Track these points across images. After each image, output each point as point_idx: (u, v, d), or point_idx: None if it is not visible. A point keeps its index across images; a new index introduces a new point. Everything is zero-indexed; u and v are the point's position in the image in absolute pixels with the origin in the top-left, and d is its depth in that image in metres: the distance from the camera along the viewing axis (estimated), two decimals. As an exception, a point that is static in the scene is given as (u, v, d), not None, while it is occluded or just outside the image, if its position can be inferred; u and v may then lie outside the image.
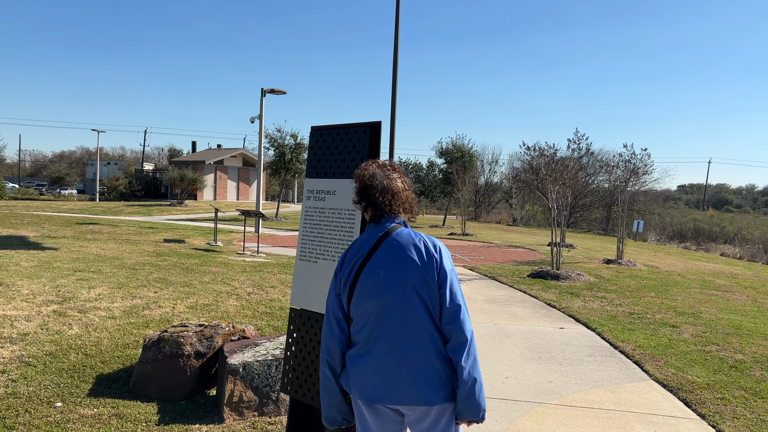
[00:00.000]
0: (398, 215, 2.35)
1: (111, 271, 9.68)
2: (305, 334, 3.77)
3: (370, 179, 2.34)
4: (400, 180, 2.38)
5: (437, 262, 2.22)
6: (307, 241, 3.86)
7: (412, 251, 2.23)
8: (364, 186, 2.34)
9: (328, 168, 3.80)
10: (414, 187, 2.49)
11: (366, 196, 2.34)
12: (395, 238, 2.27)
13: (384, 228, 2.31)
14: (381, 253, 2.25)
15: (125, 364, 5.16)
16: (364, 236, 2.34)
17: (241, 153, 43.17)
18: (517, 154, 53.45)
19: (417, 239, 2.27)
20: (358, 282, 2.25)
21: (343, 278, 2.31)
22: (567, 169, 12.18)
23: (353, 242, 2.38)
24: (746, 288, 12.33)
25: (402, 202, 2.35)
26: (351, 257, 2.32)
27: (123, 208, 29.84)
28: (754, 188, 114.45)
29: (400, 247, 2.24)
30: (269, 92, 19.63)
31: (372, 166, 2.40)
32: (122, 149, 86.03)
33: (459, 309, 2.19)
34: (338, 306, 2.33)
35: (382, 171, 2.38)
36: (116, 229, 17.94)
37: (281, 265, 11.68)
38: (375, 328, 2.22)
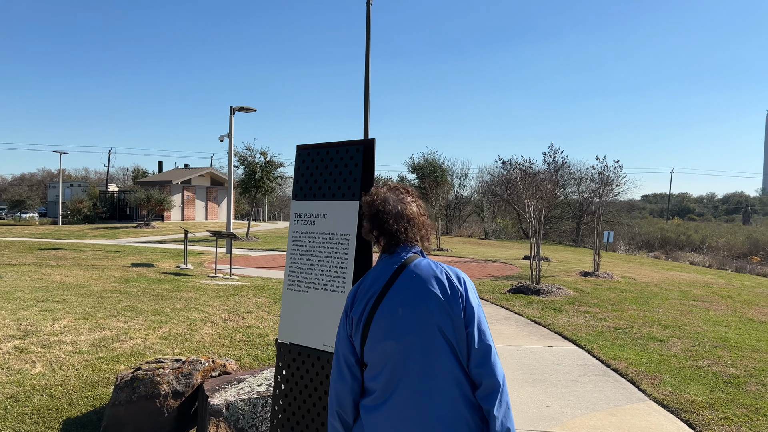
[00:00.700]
0: (414, 244, 2.08)
1: (76, 300, 9.17)
2: (296, 371, 3.47)
3: (382, 204, 2.07)
4: (414, 204, 2.12)
5: (463, 297, 1.95)
6: (295, 268, 3.57)
7: (433, 285, 1.95)
8: (376, 212, 2.07)
9: (317, 189, 3.52)
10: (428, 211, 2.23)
11: (378, 223, 2.06)
12: (414, 270, 1.99)
13: (400, 259, 2.04)
14: (398, 288, 1.97)
15: (95, 406, 4.75)
16: (378, 269, 2.06)
17: (209, 172, 42.46)
18: (487, 167, 53.78)
19: (438, 271, 2.00)
20: (373, 322, 1.96)
21: (356, 318, 2.01)
22: (544, 183, 12.10)
23: (365, 276, 2.10)
24: (723, 297, 12.36)
25: (419, 228, 2.09)
26: (364, 293, 2.03)
27: (87, 232, 28.92)
28: (714, 196, 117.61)
29: (420, 280, 1.97)
30: (238, 110, 19.26)
31: (383, 189, 2.14)
32: (85, 170, 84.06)
33: (489, 350, 1.93)
34: (350, 349, 2.03)
35: (395, 195, 2.11)
36: (81, 254, 17.26)
37: (256, 288, 11.29)
38: (394, 374, 1.93)
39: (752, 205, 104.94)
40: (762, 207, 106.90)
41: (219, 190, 42.51)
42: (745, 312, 10.51)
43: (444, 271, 2.00)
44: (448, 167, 31.31)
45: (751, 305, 11.36)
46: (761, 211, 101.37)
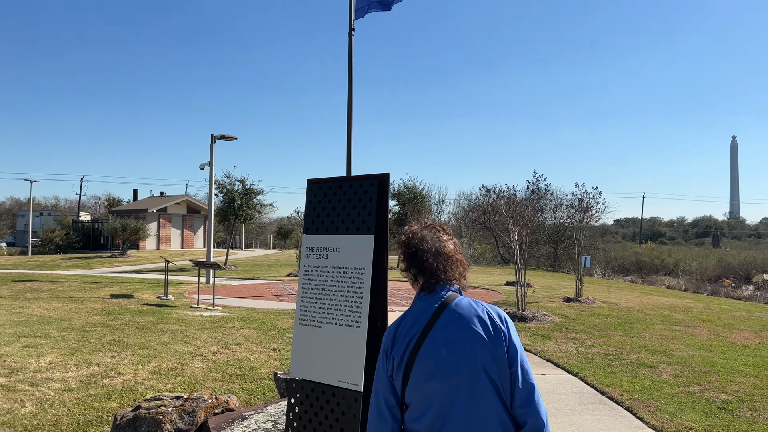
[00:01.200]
0: (453, 282, 2.09)
1: (59, 334, 8.94)
2: (309, 408, 3.41)
3: (420, 243, 2.07)
4: (450, 242, 2.13)
5: (506, 336, 1.96)
6: (307, 303, 3.54)
7: (476, 324, 1.96)
8: (415, 251, 2.07)
9: (330, 223, 3.52)
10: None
11: (417, 262, 2.07)
12: (455, 310, 1.99)
13: (440, 297, 2.03)
14: (441, 328, 1.97)
15: (91, 446, 4.61)
16: (418, 308, 2.05)
17: (185, 200, 42.04)
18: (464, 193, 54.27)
19: (480, 309, 2.00)
20: (416, 362, 1.95)
21: (397, 358, 1.99)
22: (528, 210, 12.25)
23: (404, 315, 2.09)
24: (704, 321, 12.55)
25: (456, 266, 2.10)
26: (405, 333, 2.01)
27: (60, 262, 28.29)
28: (684, 220, 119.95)
29: (462, 319, 1.97)
30: (219, 138, 19.19)
31: (418, 228, 2.15)
32: (56, 199, 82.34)
33: (533, 389, 1.93)
34: (390, 390, 2.00)
35: (432, 233, 2.12)
36: (57, 286, 16.86)
37: (242, 319, 11.13)
38: (439, 414, 1.91)
39: (721, 228, 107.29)
40: (730, 230, 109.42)
41: (195, 218, 42.07)
42: (728, 336, 10.68)
43: (486, 309, 2.00)
44: (428, 193, 31.49)
45: (731, 329, 11.55)
46: (729, 234, 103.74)
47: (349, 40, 16.46)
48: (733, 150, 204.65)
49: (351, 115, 15.92)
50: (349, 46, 16.41)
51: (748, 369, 7.94)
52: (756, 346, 9.69)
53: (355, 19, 16.19)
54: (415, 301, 2.09)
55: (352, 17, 16.04)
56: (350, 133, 15.77)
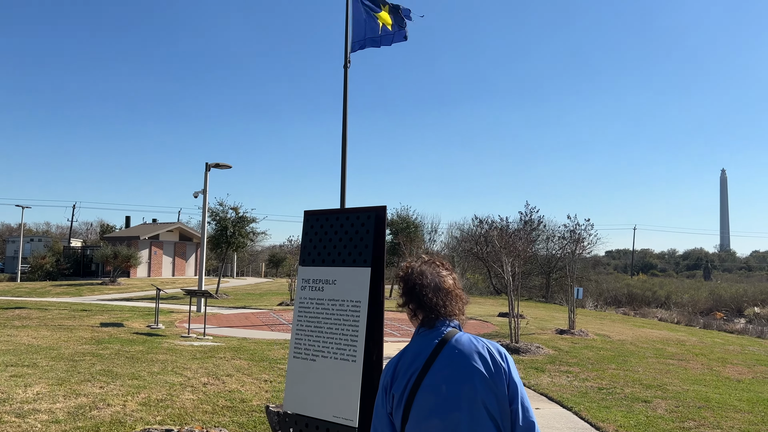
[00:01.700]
0: (453, 317, 2.09)
1: (48, 363, 8.80)
2: (303, 443, 3.37)
3: (420, 277, 2.08)
4: (450, 277, 2.14)
5: (506, 373, 1.96)
6: (302, 335, 3.51)
7: (477, 361, 1.95)
8: (413, 286, 2.07)
9: (326, 255, 3.52)
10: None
11: (416, 297, 2.07)
12: (456, 346, 1.99)
13: (440, 333, 2.03)
14: (441, 364, 1.96)
15: (77, 480, 4.51)
16: (417, 344, 2.05)
17: (177, 227, 41.90)
18: (456, 223, 54.38)
19: (480, 346, 2.00)
20: (416, 399, 1.93)
21: (397, 394, 1.97)
22: (521, 241, 12.28)
23: (403, 350, 2.08)
24: (697, 355, 12.52)
25: (456, 301, 2.10)
26: (404, 369, 2.00)
27: (50, 289, 28.00)
28: (675, 252, 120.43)
29: (463, 356, 1.96)
30: (214, 167, 19.24)
31: (417, 263, 2.16)
32: (47, 225, 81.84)
33: (533, 427, 1.93)
34: (389, 427, 1.99)
35: (431, 268, 2.13)
36: (46, 313, 16.65)
37: (233, 349, 11.01)
38: None
39: (711, 261, 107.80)
40: (721, 263, 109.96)
41: (187, 245, 41.88)
42: (721, 370, 10.65)
43: (486, 346, 2.00)
44: (421, 222, 31.57)
45: (725, 363, 11.52)
46: (720, 267, 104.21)
47: (344, 72, 16.67)
48: (722, 183, 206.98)
49: (345, 146, 16.03)
50: (345, 78, 16.62)
51: (743, 404, 7.90)
52: (750, 381, 9.66)
53: (351, 52, 16.40)
54: (415, 337, 2.08)
55: (347, 50, 16.27)
56: (344, 164, 15.87)
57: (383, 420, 2.01)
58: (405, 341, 13.23)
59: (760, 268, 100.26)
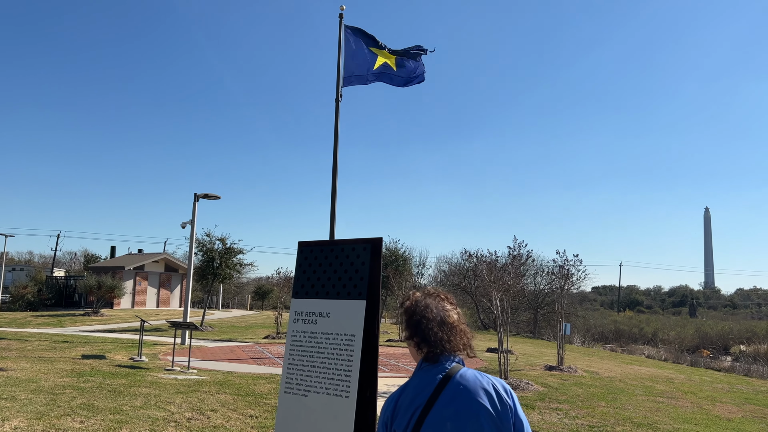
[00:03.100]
0: (457, 353, 2.05)
1: (26, 397, 8.55)
2: (293, 482, 3.26)
3: (424, 311, 2.05)
4: (454, 312, 2.11)
5: (512, 410, 1.91)
6: (294, 370, 3.43)
7: (482, 397, 1.90)
8: (420, 319, 2.04)
9: (320, 287, 3.46)
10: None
11: (420, 330, 2.03)
12: (460, 382, 1.94)
13: (443, 369, 1.99)
14: (445, 401, 1.91)
15: None
16: (420, 379, 2.00)
17: (163, 258, 41.48)
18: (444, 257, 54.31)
19: (485, 382, 1.96)
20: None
21: (399, 431, 1.93)
22: (510, 276, 12.26)
23: (405, 385, 2.03)
24: (686, 393, 12.46)
25: (460, 336, 2.06)
26: (406, 405, 1.95)
27: (31, 319, 27.45)
28: (660, 289, 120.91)
29: (468, 392, 1.92)
30: (203, 197, 19.16)
31: (421, 295, 2.13)
32: (30, 254, 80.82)
33: None
34: None
35: (436, 301, 2.10)
36: (26, 344, 16.28)
37: (218, 383, 10.79)
38: None
39: (697, 298, 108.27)
40: (706, 300, 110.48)
41: (173, 276, 41.41)
42: (711, 409, 10.59)
43: (491, 382, 1.96)
44: (409, 255, 31.52)
45: (714, 402, 11.47)
46: (706, 304, 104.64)
47: (336, 106, 16.80)
48: (706, 221, 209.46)
49: (336, 178, 16.05)
50: (336, 112, 16.74)
51: (734, 444, 7.83)
52: (740, 420, 9.60)
53: (342, 87, 16.57)
54: (417, 372, 2.04)
55: (339, 84, 16.44)
56: (334, 196, 15.87)
57: None
58: (393, 376, 13.05)
59: (744, 305, 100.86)
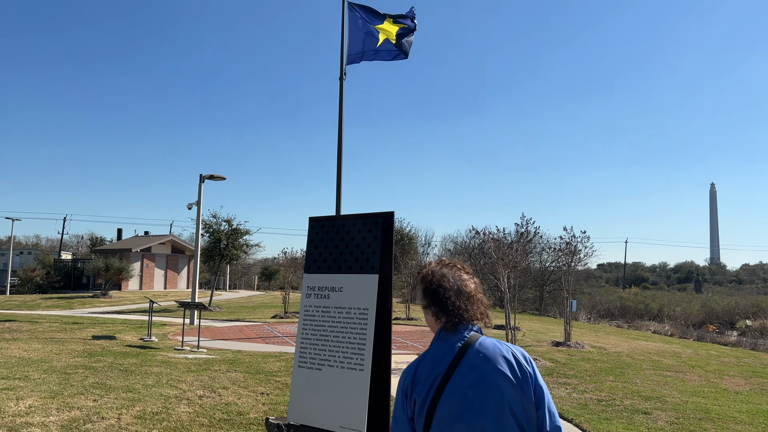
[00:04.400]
0: (475, 321, 2.04)
1: (40, 376, 8.64)
2: (308, 454, 3.29)
3: (441, 280, 2.03)
4: (471, 281, 2.09)
5: (532, 378, 1.91)
6: (307, 344, 3.44)
7: (502, 365, 1.90)
8: (436, 288, 2.02)
9: (332, 262, 3.46)
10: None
11: (437, 300, 2.02)
12: (479, 350, 1.93)
13: (462, 337, 1.98)
14: (465, 369, 1.90)
15: (73, 495, 4.39)
16: (439, 348, 1.99)
17: (170, 240, 41.63)
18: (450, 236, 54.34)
19: (505, 350, 1.95)
20: (439, 404, 1.87)
21: (419, 399, 1.91)
22: (517, 253, 12.25)
23: (423, 355, 2.02)
24: (694, 367, 12.49)
25: (478, 305, 2.05)
26: (426, 374, 1.94)
27: (40, 302, 27.68)
28: (666, 266, 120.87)
29: (488, 360, 1.91)
30: (208, 178, 19.14)
31: (438, 266, 2.11)
32: (37, 238, 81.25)
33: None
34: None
35: (452, 271, 2.08)
36: (37, 326, 16.43)
37: (228, 362, 10.87)
38: None
39: (702, 274, 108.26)
40: (712, 276, 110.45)
41: (180, 258, 41.59)
42: (719, 382, 10.62)
43: (510, 350, 1.95)
44: (415, 235, 31.54)
45: (722, 375, 11.50)
46: (711, 280, 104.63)
47: (340, 84, 16.68)
48: (711, 197, 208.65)
49: (341, 158, 15.98)
50: (340, 90, 16.63)
51: (743, 416, 7.86)
52: (748, 393, 9.63)
53: (346, 65, 16.42)
54: (435, 341, 2.03)
55: (343, 63, 16.29)
56: (340, 175, 15.83)
57: (404, 425, 1.94)
58: (400, 353, 13.12)
59: (750, 281, 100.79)
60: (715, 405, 8.48)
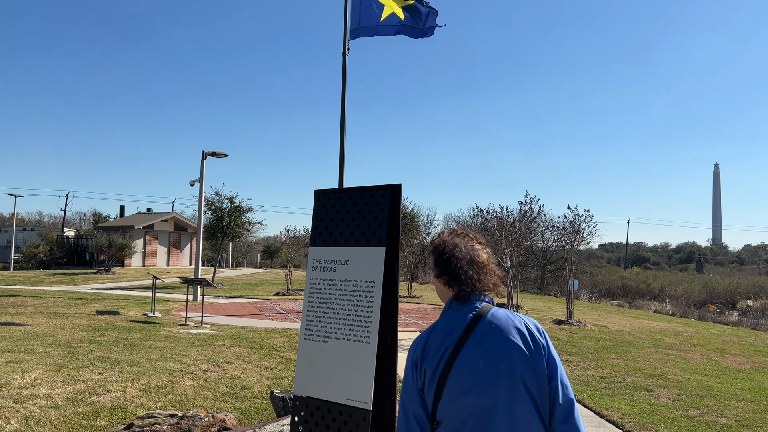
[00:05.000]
0: (487, 292, 2.01)
1: (45, 350, 8.70)
2: (314, 427, 3.29)
3: (453, 250, 2.00)
4: (483, 251, 2.06)
5: (545, 349, 1.88)
6: (313, 317, 3.42)
7: (515, 336, 1.86)
8: (448, 258, 1.99)
9: (338, 235, 3.42)
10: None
11: (449, 269, 1.98)
12: (492, 321, 1.90)
13: (474, 308, 1.94)
14: (477, 339, 1.87)
15: (79, 465, 4.43)
16: (450, 318, 1.96)
17: (172, 217, 41.68)
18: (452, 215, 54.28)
19: (517, 321, 1.92)
20: (450, 375, 1.84)
21: (429, 370, 1.88)
22: (520, 232, 12.22)
23: (433, 326, 1.99)
24: (695, 346, 12.53)
25: (490, 275, 2.02)
26: (437, 344, 1.91)
27: (44, 277, 27.81)
28: (668, 246, 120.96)
29: (500, 331, 1.87)
30: (210, 155, 19.07)
31: (451, 235, 2.08)
32: (39, 214, 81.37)
33: (573, 405, 1.85)
34: (420, 405, 1.90)
35: (464, 241, 2.05)
36: (41, 301, 16.52)
37: (231, 337, 10.93)
38: (476, 430, 1.81)
39: (704, 254, 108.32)
40: (713, 256, 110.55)
41: (182, 235, 41.67)
42: (720, 360, 10.65)
43: (523, 321, 1.92)
44: (417, 213, 31.49)
45: (723, 353, 11.54)
46: (713, 261, 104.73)
47: (343, 60, 16.47)
48: (715, 177, 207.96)
49: (344, 134, 15.87)
50: (343, 65, 16.42)
51: (745, 393, 7.89)
52: (749, 371, 9.66)
53: (349, 40, 16.22)
54: (446, 312, 2.00)
55: (346, 37, 16.08)
56: (342, 152, 15.72)
57: (414, 397, 1.92)
58: (402, 330, 13.17)
59: (752, 261, 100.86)
60: (716, 383, 8.52)
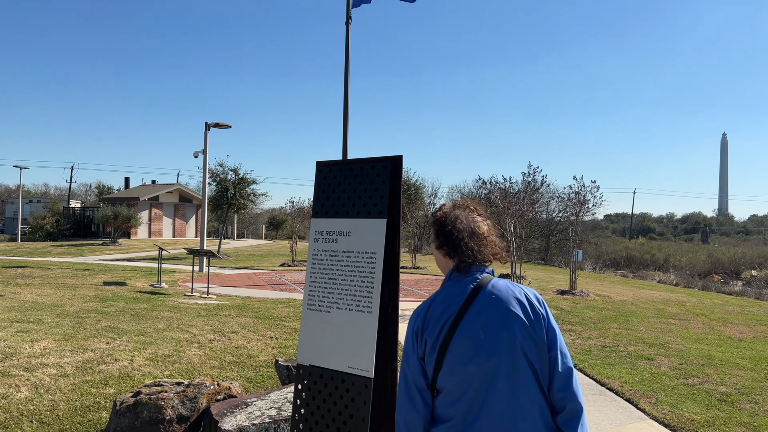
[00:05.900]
0: (487, 263, 2.03)
1: (53, 320, 8.82)
2: (317, 395, 3.35)
3: (454, 221, 2.01)
4: (484, 223, 2.07)
5: (545, 319, 1.90)
6: (316, 287, 3.46)
7: (515, 306, 1.89)
8: (450, 230, 2.00)
9: (339, 207, 3.44)
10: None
11: (450, 240, 2.00)
12: (492, 291, 1.92)
13: (474, 279, 1.97)
14: (478, 310, 1.90)
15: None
16: (451, 288, 1.98)
17: (177, 188, 41.76)
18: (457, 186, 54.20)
19: (518, 291, 1.94)
20: (451, 344, 1.87)
21: (430, 340, 1.91)
22: (524, 203, 12.21)
23: (434, 296, 2.02)
24: (698, 315, 12.60)
25: (491, 247, 2.04)
26: (438, 314, 1.93)
27: (51, 249, 28.04)
28: (673, 216, 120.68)
29: (500, 301, 1.90)
30: (213, 126, 19.01)
31: (452, 208, 2.09)
32: (45, 186, 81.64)
33: (572, 374, 1.88)
34: (421, 374, 1.93)
35: (465, 212, 2.06)
36: (49, 272, 16.69)
37: (237, 307, 11.05)
38: (476, 400, 1.84)
39: (709, 224, 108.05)
40: (719, 227, 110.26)
41: (187, 207, 41.81)
42: (722, 330, 10.72)
43: (523, 291, 1.95)
44: (421, 185, 31.45)
45: (726, 323, 11.60)
46: (718, 231, 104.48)
47: (346, 28, 16.30)
48: (723, 147, 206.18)
49: (347, 104, 15.78)
50: (347, 34, 16.26)
51: (745, 362, 7.96)
52: (751, 340, 9.73)
53: (352, 8, 16.01)
54: (447, 282, 2.02)
55: (349, 5, 15.88)
56: (346, 121, 15.65)
57: (414, 366, 1.94)
58: (405, 300, 13.28)
59: (757, 231, 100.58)
60: (718, 352, 8.59)
